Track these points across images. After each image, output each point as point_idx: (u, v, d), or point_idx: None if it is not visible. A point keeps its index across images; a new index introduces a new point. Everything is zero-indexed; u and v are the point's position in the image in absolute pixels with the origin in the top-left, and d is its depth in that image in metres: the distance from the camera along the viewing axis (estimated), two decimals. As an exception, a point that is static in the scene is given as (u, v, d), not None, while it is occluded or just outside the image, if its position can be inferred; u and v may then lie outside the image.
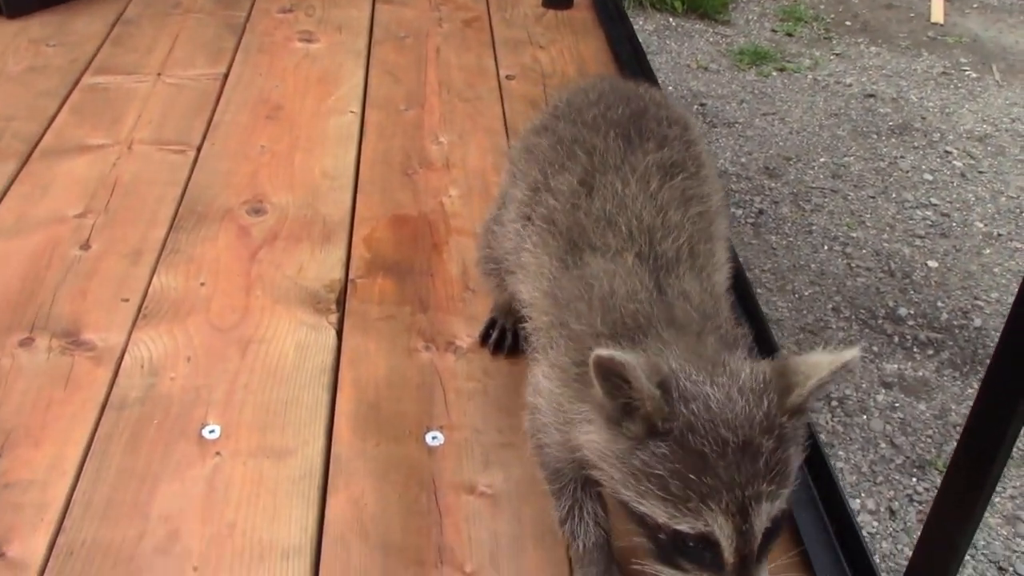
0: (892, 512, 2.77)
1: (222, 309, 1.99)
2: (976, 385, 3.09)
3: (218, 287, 2.08)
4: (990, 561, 2.64)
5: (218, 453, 1.70)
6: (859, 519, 2.74)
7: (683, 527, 1.19)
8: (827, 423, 3.03)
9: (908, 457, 2.91)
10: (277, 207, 2.37)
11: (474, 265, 1.98)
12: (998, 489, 2.81)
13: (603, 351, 1.14)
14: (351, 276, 2.13)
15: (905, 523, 2.74)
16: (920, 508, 2.78)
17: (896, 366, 3.14)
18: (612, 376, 1.15)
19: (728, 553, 1.19)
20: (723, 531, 1.18)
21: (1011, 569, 2.61)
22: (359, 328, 1.96)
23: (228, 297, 2.03)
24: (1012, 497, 2.79)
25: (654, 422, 1.17)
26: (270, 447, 1.70)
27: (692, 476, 1.16)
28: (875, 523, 2.74)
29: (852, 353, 1.22)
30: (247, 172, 2.50)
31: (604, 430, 1.24)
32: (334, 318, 1.98)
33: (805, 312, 3.36)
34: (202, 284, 2.08)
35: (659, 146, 1.57)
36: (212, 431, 1.73)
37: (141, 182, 2.44)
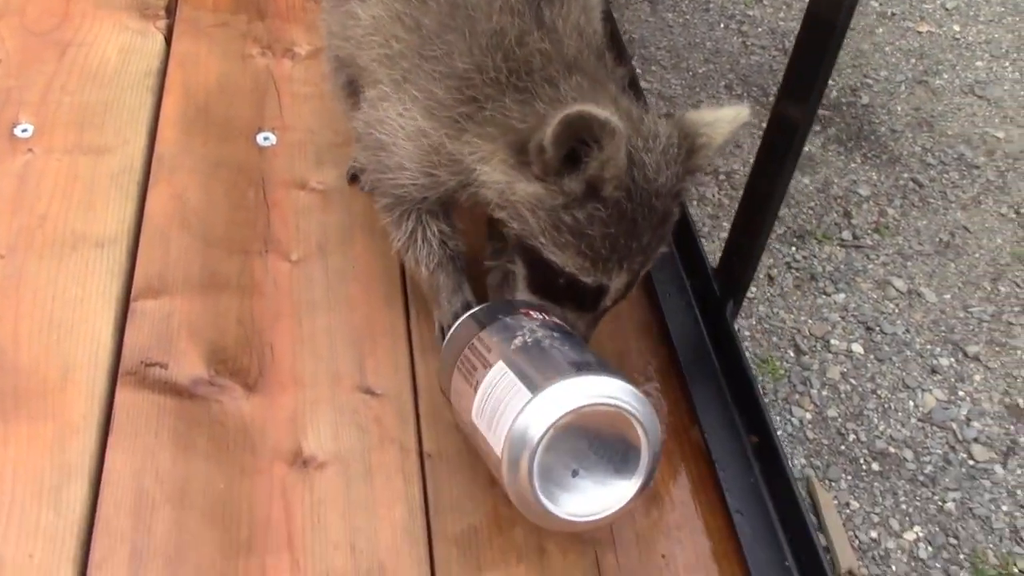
0: (771, 278, 2.85)
1: (39, 13, 1.89)
2: (859, 160, 3.15)
3: (35, -5, 1.96)
4: (859, 322, 2.75)
5: (30, 150, 1.64)
6: (737, 286, 2.81)
7: (588, 279, 1.24)
8: (714, 196, 3.07)
9: (789, 227, 2.98)
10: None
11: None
12: (871, 256, 2.91)
13: (593, 110, 1.11)
14: (182, -17, 2.01)
15: (782, 288, 2.83)
16: (797, 275, 2.87)
17: (784, 140, 3.17)
18: (581, 133, 1.13)
19: (609, 299, 1.27)
20: (616, 285, 1.25)
21: (878, 328, 2.73)
22: (189, 34, 1.88)
23: (46, 1, 1.91)
24: (884, 263, 2.88)
25: (603, 186, 1.17)
26: (88, 145, 1.66)
27: (621, 241, 1.20)
28: (754, 289, 2.82)
29: (744, 111, 1.26)
30: None
31: (537, 186, 1.22)
32: (163, 24, 1.90)
33: (698, 90, 3.35)
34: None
35: None
36: (25, 130, 1.67)
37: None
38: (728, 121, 1.25)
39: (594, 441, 1.16)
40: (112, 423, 1.36)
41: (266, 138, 1.70)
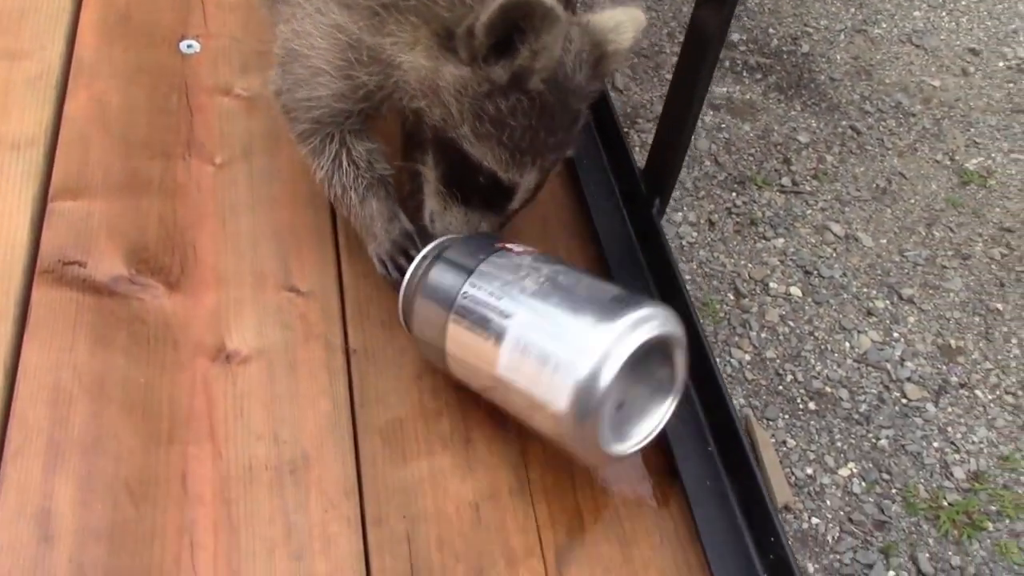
0: (712, 223, 2.89)
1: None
2: (799, 107, 3.20)
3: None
4: (797, 266, 2.80)
5: (-57, 54, 1.60)
6: (679, 230, 2.85)
7: (504, 176, 1.25)
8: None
9: (730, 174, 3.02)
10: None
11: None
12: (809, 202, 2.96)
13: None
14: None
15: (723, 233, 2.87)
16: (737, 220, 2.91)
17: (725, 89, 3.22)
18: (519, 20, 1.13)
19: (518, 200, 1.29)
20: (526, 183, 1.27)
21: (816, 272, 2.78)
22: (111, -57, 1.85)
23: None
24: (822, 209, 2.94)
25: (529, 77, 1.18)
26: (3, 50, 1.63)
27: (540, 135, 1.22)
28: (695, 234, 2.86)
29: (640, 16, 1.31)
30: None
31: (442, 61, 1.22)
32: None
33: (641, 38, 3.38)
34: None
35: None
36: (-64, 37, 1.63)
37: None
38: (631, 27, 1.29)
39: (636, 368, 1.14)
40: (28, 319, 1.34)
41: (189, 46, 1.68)
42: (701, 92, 1.38)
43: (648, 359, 1.15)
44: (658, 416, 1.22)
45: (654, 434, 1.22)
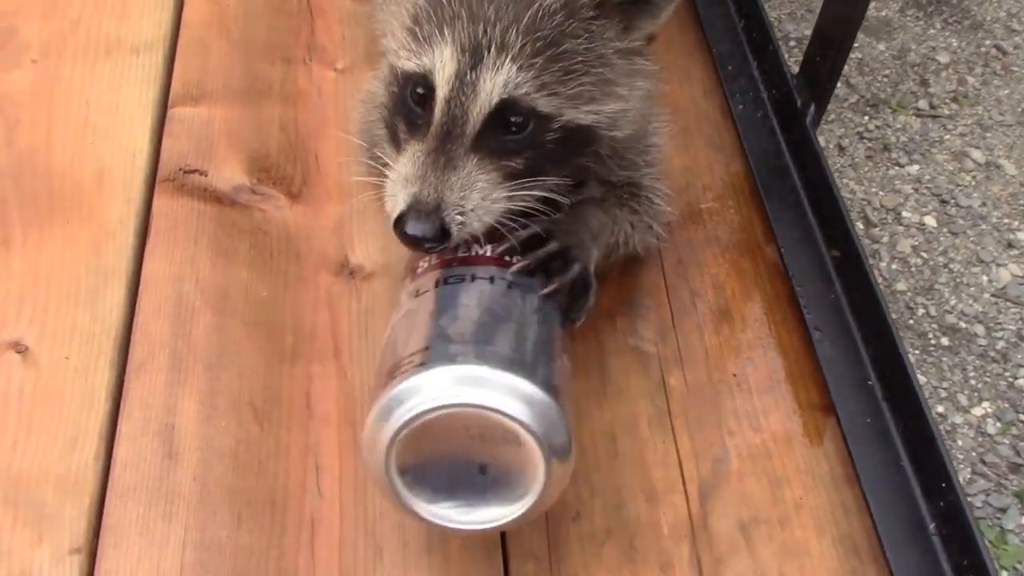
0: (841, 148, 2.70)
1: None
2: (939, 25, 2.94)
3: None
4: (933, 194, 2.60)
5: (63, -44, 1.53)
6: (802, 155, 2.67)
7: (409, 64, 1.00)
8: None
9: (863, 96, 2.81)
10: None
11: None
12: (948, 127, 2.74)
13: None
14: None
15: (853, 159, 2.68)
16: (869, 145, 2.71)
17: (858, 5, 2.97)
18: None
19: (439, 107, 0.98)
20: (443, 70, 0.97)
21: (953, 201, 2.58)
22: None
23: None
24: (961, 134, 2.72)
25: None
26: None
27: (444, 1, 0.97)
28: (821, 159, 2.67)
29: None
30: None
31: None
32: None
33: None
34: None
35: None
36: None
37: None
38: None
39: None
40: (150, 229, 1.28)
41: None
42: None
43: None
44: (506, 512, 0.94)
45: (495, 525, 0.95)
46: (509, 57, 0.96)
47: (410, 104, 1.02)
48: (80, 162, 1.33)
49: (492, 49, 0.96)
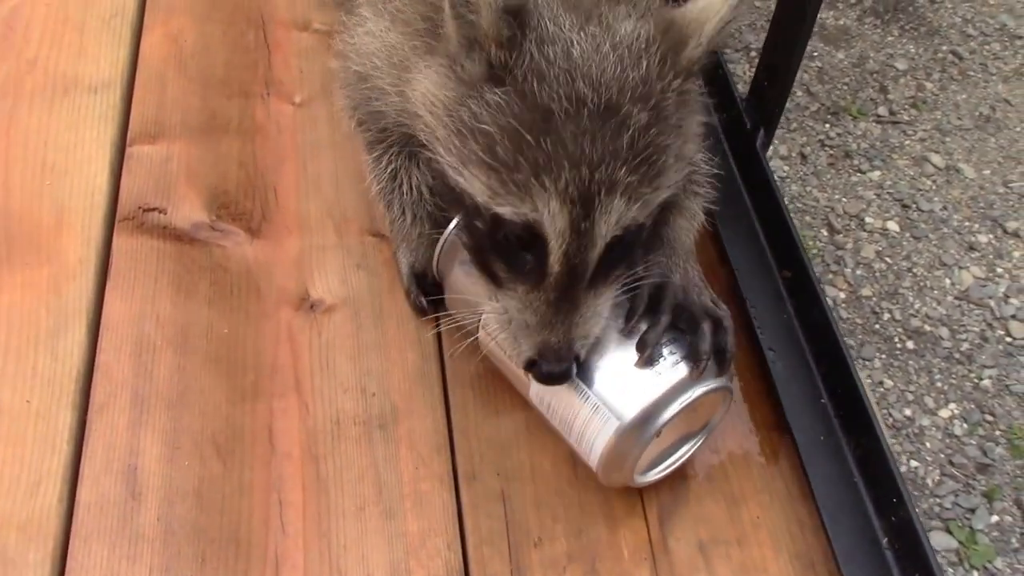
0: (804, 157, 2.73)
1: None
2: (896, 32, 2.98)
3: None
4: (895, 199, 2.63)
5: (18, -6, 1.53)
6: (771, 165, 2.69)
7: (505, 210, 0.94)
8: (744, 73, 2.92)
9: (823, 104, 2.84)
10: None
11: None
12: (908, 132, 2.77)
13: None
14: None
15: (815, 166, 2.70)
16: (831, 152, 2.74)
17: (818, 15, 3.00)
18: None
19: (555, 257, 0.95)
20: (554, 222, 0.93)
21: (914, 205, 2.61)
22: None
23: None
24: (921, 139, 2.75)
25: (492, 59, 0.93)
26: (78, -11, 1.54)
27: (528, 137, 0.91)
28: (786, 168, 2.70)
29: None
30: None
31: (439, 74, 1.01)
32: None
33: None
34: None
35: None
36: (10, -22, 1.55)
37: None
38: (715, 9, 0.98)
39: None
40: (110, 268, 1.28)
41: (265, -22, 1.58)
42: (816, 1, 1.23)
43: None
44: (684, 451, 1.15)
45: (676, 467, 1.15)
46: (617, 195, 0.93)
47: (513, 247, 0.98)
48: (39, 202, 1.33)
49: (602, 194, 0.93)
